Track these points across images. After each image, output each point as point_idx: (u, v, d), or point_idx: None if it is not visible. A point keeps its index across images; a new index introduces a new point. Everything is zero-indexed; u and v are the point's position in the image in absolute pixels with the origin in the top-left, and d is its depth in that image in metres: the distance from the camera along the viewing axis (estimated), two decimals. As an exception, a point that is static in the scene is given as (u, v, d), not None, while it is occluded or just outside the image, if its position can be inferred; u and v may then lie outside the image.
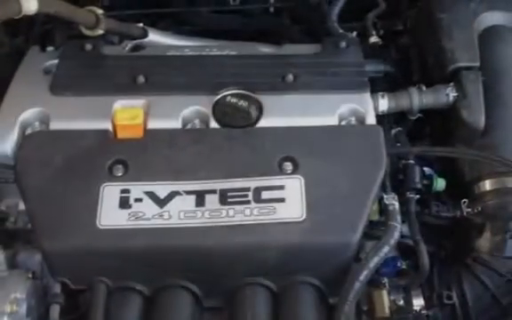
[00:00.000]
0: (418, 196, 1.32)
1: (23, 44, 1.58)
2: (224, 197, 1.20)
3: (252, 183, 1.21)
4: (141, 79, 1.36)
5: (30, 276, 1.20)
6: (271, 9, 1.84)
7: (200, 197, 1.20)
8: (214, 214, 1.18)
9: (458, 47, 1.42)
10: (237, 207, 1.19)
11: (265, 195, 1.20)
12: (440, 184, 1.34)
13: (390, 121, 1.42)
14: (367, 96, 1.35)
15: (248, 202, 1.19)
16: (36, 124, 1.30)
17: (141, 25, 1.53)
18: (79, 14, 1.38)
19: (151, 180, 1.21)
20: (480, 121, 1.35)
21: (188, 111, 1.32)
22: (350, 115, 1.33)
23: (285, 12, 1.84)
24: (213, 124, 1.30)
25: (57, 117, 1.30)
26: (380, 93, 1.39)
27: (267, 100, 1.33)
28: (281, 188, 1.20)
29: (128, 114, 1.28)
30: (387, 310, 1.20)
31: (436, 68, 1.44)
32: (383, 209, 1.25)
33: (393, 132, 1.40)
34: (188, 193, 1.20)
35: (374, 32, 1.56)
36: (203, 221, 1.18)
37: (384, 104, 1.38)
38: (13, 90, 1.36)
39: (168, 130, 1.29)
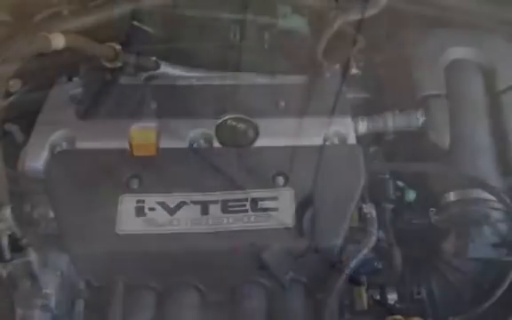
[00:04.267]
0: (392, 206, 1.33)
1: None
2: (225, 207, 1.21)
3: (250, 195, 1.22)
4: (154, 105, 1.37)
5: (59, 274, 1.21)
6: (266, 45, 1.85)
7: (205, 207, 1.21)
8: (217, 221, 1.20)
9: (427, 77, 1.43)
10: (237, 215, 1.20)
11: (260, 204, 1.21)
12: (411, 195, 1.36)
13: (369, 141, 1.42)
14: (348, 120, 1.36)
15: (246, 210, 1.21)
16: (64, 144, 1.31)
17: (154, 58, 1.52)
18: (101, 49, 1.39)
19: (163, 191, 1.23)
20: (446, 142, 1.37)
21: (195, 133, 1.33)
22: (334, 136, 1.34)
23: (278, 47, 1.86)
24: (216, 144, 1.31)
25: (82, 138, 1.31)
26: (360, 117, 1.39)
27: (262, 123, 1.34)
28: (274, 198, 1.22)
29: (143, 135, 1.30)
30: (365, 304, 1.21)
31: (408, 95, 1.45)
32: (362, 217, 1.26)
33: (371, 150, 1.41)
34: (195, 203, 1.21)
35: (355, 64, 1.55)
36: (207, 227, 1.19)
37: (363, 126, 1.39)
38: (44, 115, 1.36)
39: (177, 149, 1.30)
